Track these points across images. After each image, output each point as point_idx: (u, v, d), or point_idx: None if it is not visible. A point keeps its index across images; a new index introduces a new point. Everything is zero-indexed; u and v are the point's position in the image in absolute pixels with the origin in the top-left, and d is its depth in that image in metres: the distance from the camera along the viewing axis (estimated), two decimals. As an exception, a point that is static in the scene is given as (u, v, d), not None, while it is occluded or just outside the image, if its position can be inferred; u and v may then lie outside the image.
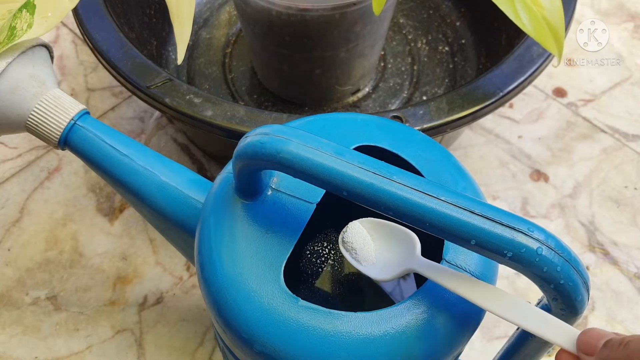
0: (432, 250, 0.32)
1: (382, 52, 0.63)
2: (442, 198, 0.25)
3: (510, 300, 0.26)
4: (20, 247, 0.53)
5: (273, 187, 0.31)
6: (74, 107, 0.36)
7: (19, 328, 0.49)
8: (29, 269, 0.52)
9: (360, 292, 0.38)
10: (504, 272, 0.51)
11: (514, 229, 0.24)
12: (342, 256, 0.37)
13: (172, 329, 0.49)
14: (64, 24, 0.69)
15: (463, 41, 0.65)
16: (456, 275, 0.27)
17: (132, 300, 0.50)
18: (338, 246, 0.36)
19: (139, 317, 0.49)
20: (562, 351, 0.25)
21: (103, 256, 0.53)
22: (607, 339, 0.24)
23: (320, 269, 0.37)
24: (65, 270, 0.52)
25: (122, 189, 0.37)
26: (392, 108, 0.60)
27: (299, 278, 0.36)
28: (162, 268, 0.52)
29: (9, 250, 0.53)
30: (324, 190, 0.31)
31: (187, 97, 0.45)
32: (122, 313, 0.50)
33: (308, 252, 0.38)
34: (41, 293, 0.51)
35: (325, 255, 0.38)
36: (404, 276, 0.35)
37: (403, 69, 0.63)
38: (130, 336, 0.49)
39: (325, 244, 0.39)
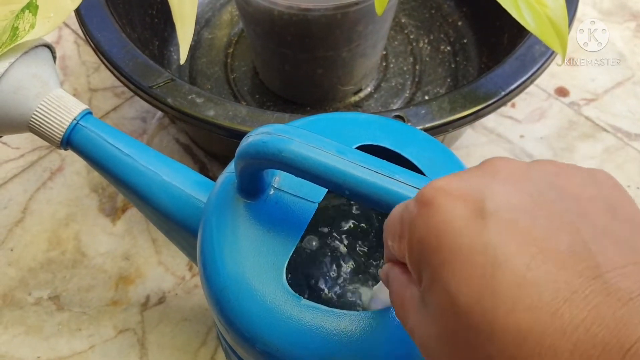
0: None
1: (384, 52, 0.63)
2: (444, 197, 0.25)
3: None
4: (23, 247, 0.53)
5: (275, 186, 0.31)
6: (77, 107, 0.36)
7: (22, 328, 0.49)
8: (32, 269, 0.52)
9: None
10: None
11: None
12: (343, 254, 0.37)
13: (174, 329, 0.49)
14: (66, 25, 0.69)
15: (465, 41, 0.65)
16: None
17: (135, 300, 0.50)
18: (338, 245, 0.36)
19: (141, 317, 0.49)
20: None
21: (105, 256, 0.53)
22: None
23: (322, 268, 0.37)
24: (68, 270, 0.52)
25: (124, 188, 0.37)
26: (394, 108, 0.60)
27: (301, 277, 0.36)
28: (165, 268, 0.52)
29: (11, 250, 0.53)
30: (326, 190, 0.31)
31: (189, 97, 0.45)
32: (125, 313, 0.50)
33: (309, 250, 0.38)
34: (44, 293, 0.51)
35: (327, 254, 0.38)
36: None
37: (405, 68, 0.63)
38: (133, 336, 0.49)
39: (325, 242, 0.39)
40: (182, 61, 0.41)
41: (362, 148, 0.33)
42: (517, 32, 0.52)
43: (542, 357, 0.15)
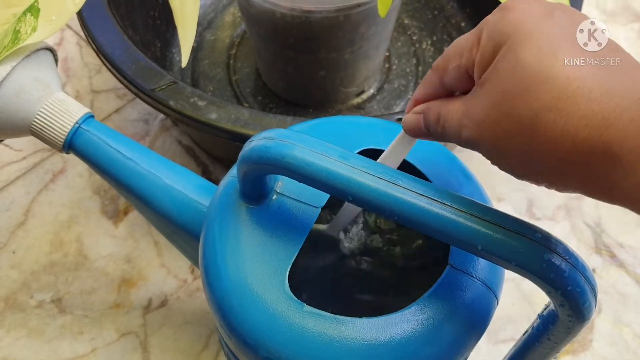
0: (439, 254, 0.31)
1: (387, 54, 0.63)
2: (447, 203, 0.24)
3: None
4: (25, 249, 0.53)
5: (278, 191, 0.31)
6: (79, 111, 0.36)
7: (24, 331, 0.49)
8: (34, 272, 0.52)
9: (366, 296, 0.38)
10: (510, 275, 0.51)
11: (520, 234, 0.24)
12: (345, 260, 0.37)
13: (176, 332, 0.49)
14: (68, 26, 0.69)
15: (468, 42, 0.65)
16: None
17: (137, 303, 0.50)
18: (341, 249, 0.36)
19: (143, 320, 0.49)
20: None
21: (107, 259, 0.53)
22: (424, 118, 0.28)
23: (324, 273, 0.37)
24: (70, 272, 0.52)
25: (126, 192, 0.37)
26: (397, 109, 0.60)
27: (304, 283, 0.36)
28: (167, 271, 0.52)
29: (13, 252, 0.53)
30: (329, 195, 0.31)
31: (192, 99, 0.45)
32: (127, 316, 0.50)
33: (312, 256, 0.38)
34: (46, 296, 0.51)
35: (329, 259, 0.38)
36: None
37: (408, 70, 0.62)
38: (135, 339, 0.48)
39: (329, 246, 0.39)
40: (184, 63, 0.41)
41: (364, 152, 0.32)
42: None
43: (577, 93, 0.21)
